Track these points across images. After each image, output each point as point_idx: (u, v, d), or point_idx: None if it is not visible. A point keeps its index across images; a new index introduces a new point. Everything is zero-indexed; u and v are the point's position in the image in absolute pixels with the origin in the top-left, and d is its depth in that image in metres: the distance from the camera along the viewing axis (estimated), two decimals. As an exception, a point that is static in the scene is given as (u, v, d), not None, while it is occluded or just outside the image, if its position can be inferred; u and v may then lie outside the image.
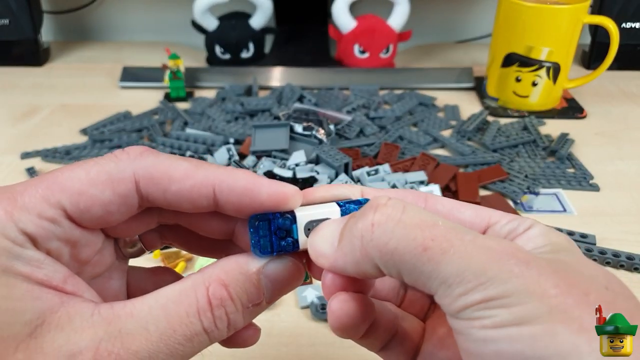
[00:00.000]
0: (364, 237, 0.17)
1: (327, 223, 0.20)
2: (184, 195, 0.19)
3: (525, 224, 0.20)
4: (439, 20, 0.94)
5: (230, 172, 0.20)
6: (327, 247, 0.19)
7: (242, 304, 0.19)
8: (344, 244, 0.19)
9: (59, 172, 0.19)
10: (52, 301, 0.17)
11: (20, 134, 0.64)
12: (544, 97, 0.66)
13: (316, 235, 0.20)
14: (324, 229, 0.20)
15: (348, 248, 0.18)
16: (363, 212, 0.18)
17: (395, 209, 0.17)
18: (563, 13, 0.61)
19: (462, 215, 0.21)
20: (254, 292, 0.19)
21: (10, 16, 0.78)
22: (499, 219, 0.20)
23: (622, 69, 0.77)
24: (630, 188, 0.53)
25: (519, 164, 0.56)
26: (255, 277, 0.20)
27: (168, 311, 0.18)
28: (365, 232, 0.17)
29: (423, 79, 0.74)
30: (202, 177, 0.19)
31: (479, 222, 0.20)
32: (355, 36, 0.75)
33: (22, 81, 0.78)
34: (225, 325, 0.19)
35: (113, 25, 0.96)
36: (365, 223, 0.17)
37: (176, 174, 0.19)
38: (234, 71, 0.76)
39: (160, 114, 0.66)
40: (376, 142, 0.59)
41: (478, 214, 0.21)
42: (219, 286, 0.19)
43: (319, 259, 0.20)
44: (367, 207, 0.18)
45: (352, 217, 0.19)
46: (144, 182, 0.19)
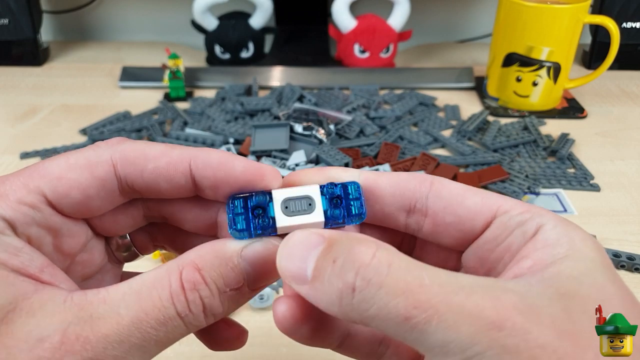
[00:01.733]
0: (343, 300, 0.16)
1: (298, 235, 0.18)
2: (160, 173, 0.20)
3: (538, 219, 0.18)
4: (439, 20, 0.94)
5: (205, 149, 0.20)
6: (296, 270, 0.17)
7: (217, 287, 0.18)
8: (320, 285, 0.17)
9: (41, 162, 0.20)
10: (26, 288, 0.17)
11: (19, 134, 0.64)
12: (544, 97, 0.66)
13: (285, 249, 0.18)
14: (295, 244, 0.18)
15: (324, 294, 0.16)
16: (344, 267, 0.16)
17: (378, 271, 0.16)
18: (563, 13, 0.61)
19: (467, 202, 0.20)
20: (230, 276, 0.19)
21: (10, 16, 0.78)
22: (509, 209, 0.19)
23: (623, 68, 0.77)
24: (630, 188, 0.53)
25: (520, 164, 0.56)
26: (232, 260, 0.19)
27: (141, 295, 0.18)
28: (345, 295, 0.16)
29: (423, 79, 0.74)
30: (178, 154, 0.20)
31: (486, 212, 0.19)
32: (356, 36, 0.75)
33: (22, 81, 0.77)
34: (200, 310, 0.18)
35: (113, 25, 0.96)
36: (346, 284, 0.16)
37: (152, 153, 0.20)
38: (233, 71, 0.76)
39: (159, 114, 0.66)
40: (376, 142, 0.59)
41: (485, 202, 0.19)
42: (191, 269, 0.18)
43: (287, 280, 0.18)
44: (349, 261, 0.16)
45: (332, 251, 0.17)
46: (121, 164, 0.20)
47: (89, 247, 0.22)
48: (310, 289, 0.17)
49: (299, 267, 0.17)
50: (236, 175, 0.20)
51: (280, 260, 0.18)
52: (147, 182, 0.20)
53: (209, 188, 0.20)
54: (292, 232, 0.18)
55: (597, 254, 0.17)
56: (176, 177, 0.20)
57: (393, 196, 0.21)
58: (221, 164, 0.20)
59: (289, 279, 0.18)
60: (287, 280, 0.18)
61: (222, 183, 0.20)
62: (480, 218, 0.19)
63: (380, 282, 0.15)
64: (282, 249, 0.18)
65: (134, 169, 0.20)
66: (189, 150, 0.20)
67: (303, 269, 0.17)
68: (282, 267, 0.18)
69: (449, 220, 0.20)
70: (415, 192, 0.21)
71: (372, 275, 0.16)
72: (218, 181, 0.20)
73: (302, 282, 0.17)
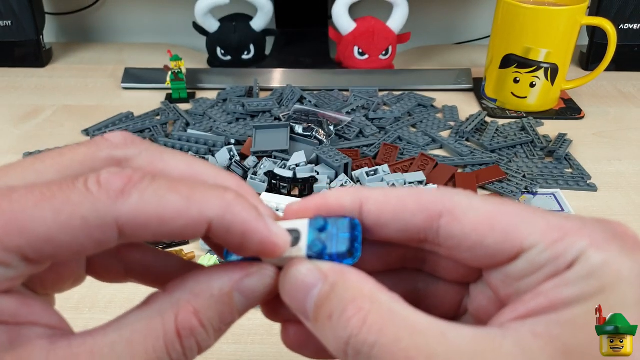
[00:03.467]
0: (339, 353, 0.16)
1: (295, 272, 0.18)
2: (175, 235, 0.17)
3: (572, 251, 0.16)
4: (438, 22, 0.94)
5: (228, 205, 0.17)
6: (298, 308, 0.18)
7: (213, 328, 0.17)
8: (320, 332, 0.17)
9: (19, 207, 0.15)
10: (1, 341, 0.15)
11: (22, 134, 0.64)
12: (542, 98, 0.67)
13: (286, 286, 0.18)
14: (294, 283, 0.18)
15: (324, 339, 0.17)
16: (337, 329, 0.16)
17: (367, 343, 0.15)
18: (561, 14, 0.62)
19: (485, 241, 0.17)
20: (226, 313, 0.18)
21: (13, 17, 0.79)
22: (536, 243, 0.16)
23: (620, 70, 0.78)
24: (627, 188, 0.54)
25: (517, 164, 0.57)
26: (230, 297, 0.18)
27: (132, 347, 0.16)
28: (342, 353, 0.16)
29: (422, 81, 0.74)
30: (197, 214, 0.16)
31: (509, 249, 0.17)
32: (355, 38, 0.76)
33: (25, 82, 0.78)
34: (196, 352, 0.17)
35: (115, 27, 0.97)
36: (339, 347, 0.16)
37: (167, 213, 0.16)
38: (235, 72, 0.77)
39: (162, 115, 0.67)
40: (375, 143, 0.60)
41: (507, 238, 0.17)
42: (188, 314, 0.17)
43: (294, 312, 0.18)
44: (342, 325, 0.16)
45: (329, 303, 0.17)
46: (128, 227, 0.16)
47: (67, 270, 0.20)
48: (313, 328, 0.17)
49: (300, 307, 0.18)
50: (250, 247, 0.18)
51: (283, 295, 0.18)
52: (156, 238, 0.17)
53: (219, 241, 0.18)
54: (290, 263, 0.18)
55: (634, 288, 0.15)
56: (190, 236, 0.17)
57: (398, 232, 0.19)
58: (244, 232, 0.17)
59: (295, 312, 0.18)
60: (294, 312, 0.18)
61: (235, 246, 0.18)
62: (502, 256, 0.17)
63: (368, 352, 0.16)
64: (283, 285, 0.18)
65: (144, 232, 0.16)
66: (210, 206, 0.17)
67: (303, 309, 0.18)
68: (286, 301, 0.18)
69: (464, 256, 0.18)
70: (422, 229, 0.18)
71: (361, 347, 0.16)
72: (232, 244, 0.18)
73: (306, 319, 0.18)
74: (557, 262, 0.16)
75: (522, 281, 0.17)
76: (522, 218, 0.17)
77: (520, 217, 0.17)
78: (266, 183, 0.50)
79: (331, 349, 0.17)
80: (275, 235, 0.18)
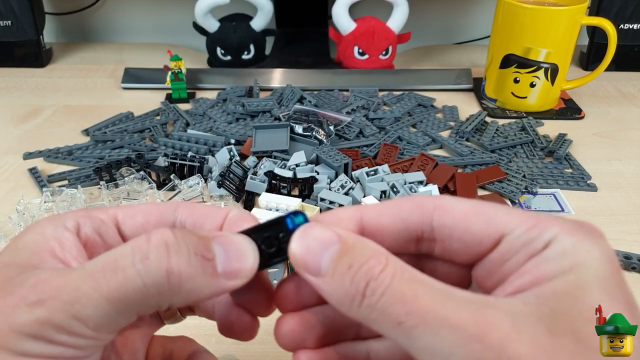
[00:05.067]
0: (353, 302, 0.18)
1: (316, 230, 0.19)
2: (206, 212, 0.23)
3: (546, 234, 0.18)
4: (438, 22, 0.94)
5: None
6: (311, 263, 0.19)
7: (187, 246, 0.18)
8: (333, 283, 0.18)
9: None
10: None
11: (22, 134, 0.64)
12: (542, 98, 0.67)
13: (302, 240, 0.19)
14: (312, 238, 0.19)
15: (336, 291, 0.18)
16: (357, 275, 0.18)
17: (383, 283, 0.17)
18: (561, 14, 0.62)
19: (473, 228, 0.20)
20: (199, 244, 0.19)
21: (13, 17, 0.79)
22: (516, 227, 0.19)
23: (620, 70, 0.78)
24: (627, 188, 0.54)
25: (517, 164, 0.57)
26: (204, 236, 0.19)
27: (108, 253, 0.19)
28: (356, 299, 0.18)
29: (422, 81, 0.74)
30: (216, 208, 0.23)
31: (493, 233, 0.19)
32: (355, 38, 0.76)
33: (25, 82, 0.78)
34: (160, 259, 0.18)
35: (115, 27, 0.97)
36: (357, 290, 0.18)
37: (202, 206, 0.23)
38: (235, 72, 0.77)
39: (161, 115, 0.67)
40: (375, 143, 0.60)
41: (490, 225, 0.19)
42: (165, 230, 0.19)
43: (300, 269, 0.19)
44: (363, 272, 0.18)
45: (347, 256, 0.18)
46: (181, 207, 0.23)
47: None
48: (323, 283, 0.19)
49: (314, 261, 0.19)
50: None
51: (296, 251, 0.19)
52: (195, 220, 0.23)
53: None
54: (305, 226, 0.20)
55: (603, 265, 0.17)
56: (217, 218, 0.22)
57: (398, 232, 0.21)
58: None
59: (302, 269, 0.19)
60: (299, 269, 0.19)
61: None
62: (487, 241, 0.20)
63: (382, 291, 0.17)
64: (299, 240, 0.19)
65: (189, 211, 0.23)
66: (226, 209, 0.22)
67: (317, 263, 0.19)
68: (296, 257, 0.19)
69: (456, 246, 0.20)
70: (419, 224, 0.21)
71: (378, 287, 0.17)
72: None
73: (315, 275, 0.19)
74: (534, 244, 0.18)
75: (505, 265, 0.19)
76: (500, 210, 0.20)
77: (499, 209, 0.20)
78: (266, 183, 0.50)
79: (339, 298, 0.18)
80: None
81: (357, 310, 0.18)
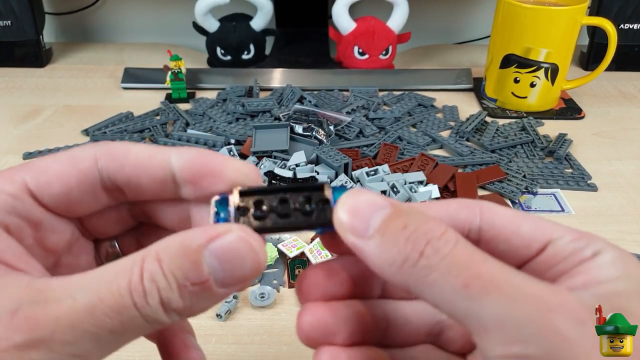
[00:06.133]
0: (406, 262, 0.17)
1: (365, 194, 0.18)
2: (141, 165, 0.20)
3: (594, 246, 0.18)
4: (438, 22, 0.94)
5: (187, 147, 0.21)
6: (358, 224, 0.18)
7: (176, 280, 0.17)
8: (382, 242, 0.17)
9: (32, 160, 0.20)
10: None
11: (22, 134, 0.64)
12: (542, 98, 0.67)
13: (349, 202, 0.18)
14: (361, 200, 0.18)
15: (385, 252, 0.17)
16: (415, 233, 0.17)
17: (447, 244, 0.17)
18: (561, 14, 0.62)
19: (520, 229, 0.19)
20: (190, 269, 0.17)
21: (13, 17, 0.78)
22: (562, 235, 0.18)
23: (620, 70, 0.78)
24: (627, 188, 0.54)
25: (517, 164, 0.56)
26: (195, 253, 0.17)
27: (101, 283, 0.17)
28: (411, 258, 0.17)
29: (422, 80, 0.74)
30: (160, 149, 0.21)
31: (539, 237, 0.19)
32: (355, 38, 0.76)
33: (24, 82, 0.78)
34: (158, 302, 0.17)
35: (115, 27, 0.97)
36: (415, 248, 0.17)
37: (135, 148, 0.20)
38: (234, 72, 0.77)
39: (161, 115, 0.67)
40: (375, 143, 0.59)
41: (538, 228, 0.19)
42: (153, 260, 0.17)
43: (344, 231, 0.18)
44: (422, 230, 0.17)
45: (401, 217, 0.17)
46: (104, 158, 0.20)
47: (76, 251, 0.22)
48: (369, 244, 0.17)
49: (362, 222, 0.18)
50: (213, 169, 0.20)
51: (342, 212, 0.18)
52: (128, 175, 0.20)
53: (188, 183, 0.20)
54: (353, 189, 0.19)
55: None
56: (156, 170, 0.20)
57: None
58: (200, 156, 0.20)
59: (347, 230, 0.18)
60: (343, 231, 0.18)
61: (200, 176, 0.20)
62: (535, 245, 0.19)
63: (447, 252, 0.16)
64: (345, 202, 0.18)
65: (116, 163, 0.20)
66: (170, 148, 0.21)
67: (365, 224, 0.17)
68: (341, 218, 0.18)
69: (502, 248, 0.20)
70: (466, 223, 0.20)
71: (442, 246, 0.16)
72: (195, 174, 0.20)
73: (360, 236, 0.17)
74: (583, 252, 0.18)
75: (552, 269, 0.18)
76: (543, 219, 0.19)
77: (542, 218, 0.19)
78: (266, 183, 0.50)
79: (387, 259, 0.17)
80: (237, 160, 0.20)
81: (410, 271, 0.16)
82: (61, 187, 0.20)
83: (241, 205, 0.19)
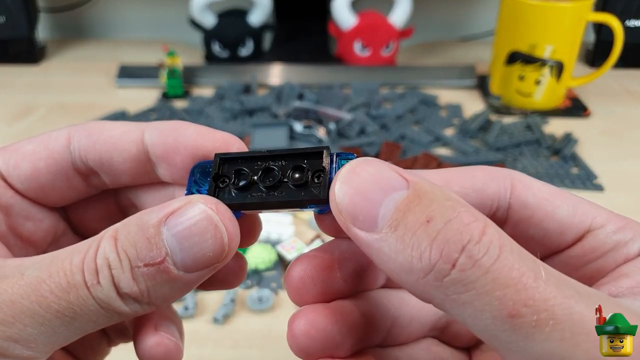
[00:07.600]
0: (432, 273, 0.13)
1: (371, 167, 0.14)
2: (113, 142, 0.19)
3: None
4: (442, 17, 0.93)
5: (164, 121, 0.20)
6: (364, 212, 0.14)
7: (129, 259, 0.15)
8: (398, 242, 0.13)
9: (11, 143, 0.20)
10: None
11: (16, 132, 0.63)
12: (547, 95, 0.66)
13: (352, 180, 0.14)
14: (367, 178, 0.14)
15: (401, 255, 0.13)
16: (445, 235, 0.13)
17: (489, 256, 0.12)
18: (567, 11, 0.61)
19: (557, 212, 0.16)
20: (144, 248, 0.15)
21: (6, 14, 0.78)
22: (604, 223, 0.16)
23: (626, 67, 0.77)
24: (634, 187, 0.53)
25: (522, 163, 0.55)
26: (150, 230, 0.15)
27: (54, 260, 0.15)
28: (439, 269, 0.13)
29: (425, 77, 0.73)
30: (135, 125, 0.19)
31: (577, 225, 0.16)
32: (356, 33, 0.75)
33: (18, 80, 0.77)
34: (110, 283, 0.15)
35: (110, 23, 0.96)
36: (446, 257, 0.13)
37: (109, 125, 0.19)
38: (232, 69, 0.76)
39: (157, 113, 0.66)
40: (377, 141, 0.58)
41: (577, 211, 0.16)
42: (109, 237, 0.15)
43: (346, 220, 0.14)
44: (454, 230, 0.13)
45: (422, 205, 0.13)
46: (77, 136, 0.19)
47: (62, 244, 0.21)
48: (380, 241, 0.13)
49: (368, 209, 0.13)
50: (186, 141, 0.18)
51: (340, 192, 0.14)
52: (99, 153, 0.19)
53: (161, 159, 0.19)
54: (357, 159, 0.14)
55: None
56: (129, 146, 0.19)
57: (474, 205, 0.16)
58: (172, 129, 0.19)
59: (350, 220, 0.14)
60: (342, 220, 0.14)
61: (172, 150, 0.18)
62: (571, 233, 0.16)
63: (489, 265, 0.12)
64: (346, 178, 0.14)
65: (88, 140, 0.19)
66: (150, 123, 0.19)
67: (372, 212, 0.13)
68: (339, 201, 0.14)
69: (532, 232, 0.16)
70: (495, 198, 0.16)
71: (482, 256, 0.12)
72: (168, 148, 0.18)
73: (368, 229, 0.13)
74: (628, 247, 0.15)
75: (590, 265, 0.16)
76: (582, 199, 0.16)
77: (581, 198, 0.16)
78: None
79: (404, 265, 0.13)
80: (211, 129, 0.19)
81: (436, 284, 0.13)
82: (30, 168, 0.19)
83: (220, 174, 0.17)
